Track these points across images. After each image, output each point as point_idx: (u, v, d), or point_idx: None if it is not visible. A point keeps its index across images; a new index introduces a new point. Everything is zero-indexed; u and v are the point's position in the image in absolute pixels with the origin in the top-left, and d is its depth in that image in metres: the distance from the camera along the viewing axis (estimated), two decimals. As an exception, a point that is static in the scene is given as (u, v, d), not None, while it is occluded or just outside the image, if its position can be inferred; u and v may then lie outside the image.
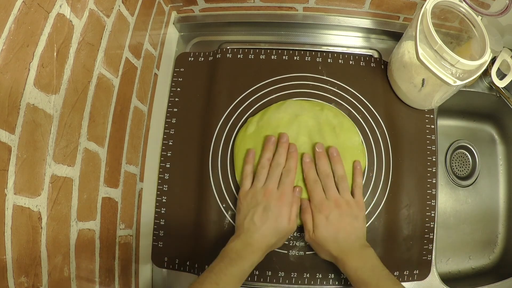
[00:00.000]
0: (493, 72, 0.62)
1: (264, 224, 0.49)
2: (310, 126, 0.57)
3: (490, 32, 0.51)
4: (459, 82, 0.46)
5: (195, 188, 0.59)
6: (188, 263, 0.57)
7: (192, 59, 0.65)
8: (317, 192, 0.52)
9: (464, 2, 0.50)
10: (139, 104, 0.57)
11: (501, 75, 0.62)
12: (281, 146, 0.54)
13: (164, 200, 0.59)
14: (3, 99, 0.31)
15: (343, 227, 0.50)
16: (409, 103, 0.61)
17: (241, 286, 0.54)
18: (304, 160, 0.54)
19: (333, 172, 0.53)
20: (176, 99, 0.63)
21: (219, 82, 0.62)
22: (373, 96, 0.61)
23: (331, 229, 0.49)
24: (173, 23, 0.67)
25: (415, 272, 0.56)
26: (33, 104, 0.34)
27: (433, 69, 0.46)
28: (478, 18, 0.50)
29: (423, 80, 0.54)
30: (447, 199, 0.75)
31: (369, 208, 0.57)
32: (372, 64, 0.63)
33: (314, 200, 0.52)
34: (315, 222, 0.50)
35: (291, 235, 0.55)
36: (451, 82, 0.46)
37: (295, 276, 0.55)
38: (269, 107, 0.59)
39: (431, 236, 0.58)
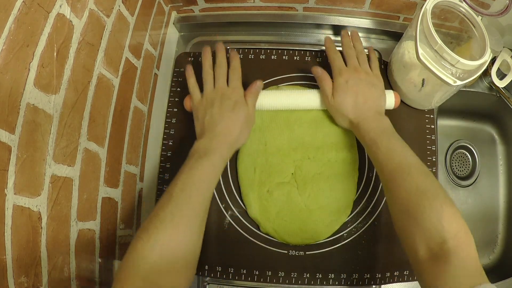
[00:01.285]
0: (493, 72, 0.62)
1: (223, 115, 0.49)
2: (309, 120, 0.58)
3: (490, 32, 0.51)
4: (459, 82, 0.46)
5: (195, 188, 0.59)
6: (188, 263, 0.57)
7: (192, 59, 0.65)
8: (338, 60, 0.54)
9: (464, 2, 0.50)
10: (139, 104, 0.57)
11: (501, 75, 0.62)
12: (219, 51, 0.55)
13: (164, 200, 0.59)
14: (3, 99, 0.31)
15: (362, 91, 0.51)
16: (409, 103, 0.61)
17: (239, 280, 0.55)
18: (325, 39, 0.57)
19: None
20: (176, 99, 0.63)
21: (219, 82, 0.62)
22: (373, 96, 0.61)
23: (350, 92, 0.51)
24: (173, 23, 0.67)
25: (415, 272, 0.56)
26: (33, 104, 0.34)
27: (433, 69, 0.46)
28: (478, 18, 0.50)
29: (423, 80, 0.54)
30: (447, 199, 0.75)
31: (369, 208, 0.57)
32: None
33: (334, 67, 0.53)
34: (335, 85, 0.52)
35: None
36: (451, 82, 0.46)
37: (295, 276, 0.55)
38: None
39: (431, 236, 0.58)
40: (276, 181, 0.56)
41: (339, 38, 0.67)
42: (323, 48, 0.66)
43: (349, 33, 0.58)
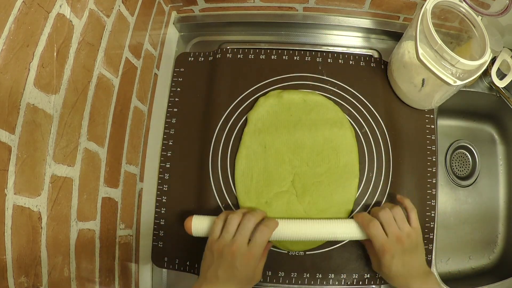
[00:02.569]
0: (493, 72, 0.62)
1: (228, 281, 0.46)
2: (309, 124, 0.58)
3: (490, 32, 0.51)
4: (459, 82, 0.46)
5: (195, 188, 0.59)
6: (188, 263, 0.57)
7: (192, 59, 0.65)
8: (377, 232, 0.50)
9: (464, 2, 0.50)
10: (139, 104, 0.57)
11: (501, 75, 0.62)
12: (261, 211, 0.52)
13: (164, 200, 0.59)
14: (3, 99, 0.31)
15: (408, 260, 0.49)
16: (409, 103, 0.61)
17: None
18: (355, 216, 0.53)
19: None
20: (176, 99, 0.63)
21: (219, 82, 0.62)
22: (373, 96, 0.61)
23: (398, 265, 0.49)
24: (173, 23, 0.67)
25: (415, 272, 0.56)
26: (33, 104, 0.34)
27: (433, 69, 0.46)
28: (478, 18, 0.50)
29: (423, 80, 0.54)
30: (447, 199, 0.75)
31: (369, 208, 0.57)
32: (372, 64, 0.63)
33: (377, 241, 0.49)
34: (382, 262, 0.50)
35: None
36: (451, 82, 0.46)
37: (295, 276, 0.55)
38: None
39: (431, 236, 0.58)
40: (274, 191, 0.56)
41: (339, 39, 0.68)
42: (323, 48, 0.66)
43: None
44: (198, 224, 0.51)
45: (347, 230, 0.51)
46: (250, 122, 0.59)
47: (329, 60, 0.63)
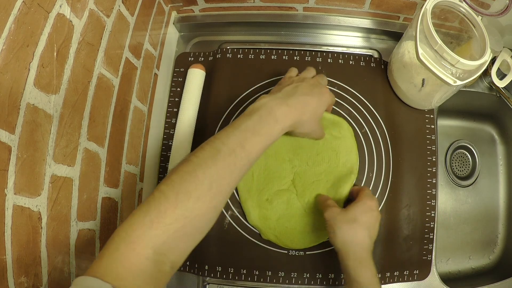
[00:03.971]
0: (493, 72, 0.62)
1: (308, 94, 0.44)
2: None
3: (490, 32, 0.51)
4: (459, 82, 0.46)
5: (195, 188, 0.59)
6: (188, 263, 0.57)
7: (192, 59, 0.65)
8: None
9: (464, 2, 0.50)
10: (139, 104, 0.57)
11: (501, 75, 0.62)
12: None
13: (164, 200, 0.59)
14: (3, 99, 0.31)
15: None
16: (409, 103, 0.61)
17: (239, 280, 0.55)
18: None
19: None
20: (176, 99, 0.63)
21: (219, 82, 0.62)
22: (373, 96, 0.61)
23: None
24: (173, 23, 0.67)
25: (415, 272, 0.56)
26: (33, 104, 0.34)
27: (433, 69, 0.46)
28: (478, 18, 0.50)
29: (423, 80, 0.54)
30: (447, 199, 0.75)
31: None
32: (372, 64, 0.63)
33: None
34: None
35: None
36: (451, 82, 0.46)
37: (295, 276, 0.55)
38: None
39: (431, 236, 0.58)
40: (275, 188, 0.56)
41: (339, 39, 0.67)
42: (323, 48, 0.66)
43: None
44: None
45: None
46: None
47: (329, 60, 0.63)
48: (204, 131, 0.60)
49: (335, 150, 0.57)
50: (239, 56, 0.63)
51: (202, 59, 0.65)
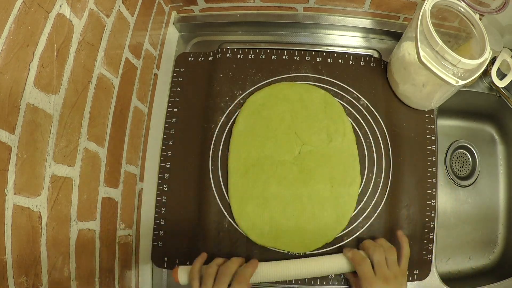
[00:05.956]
0: (493, 72, 0.62)
1: None
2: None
3: (490, 32, 0.51)
4: (461, 82, 0.46)
5: (195, 188, 0.59)
6: (188, 263, 0.57)
7: (192, 59, 0.65)
8: (365, 269, 0.50)
9: (462, 2, 0.50)
10: (139, 104, 0.57)
11: (501, 75, 0.62)
12: (237, 258, 0.52)
13: (164, 200, 0.59)
14: (3, 99, 0.31)
15: None
16: (409, 103, 0.61)
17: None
18: (344, 250, 0.54)
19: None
20: (176, 99, 0.63)
21: (219, 82, 0.62)
22: (373, 96, 0.61)
23: None
24: (173, 23, 0.67)
25: (415, 272, 0.56)
26: (33, 104, 0.34)
27: (435, 70, 0.46)
28: (477, 17, 0.50)
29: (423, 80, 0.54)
30: (447, 199, 0.75)
31: (369, 208, 0.57)
32: (372, 64, 0.63)
33: (362, 276, 0.49)
34: None
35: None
36: (453, 82, 0.46)
37: (295, 276, 0.55)
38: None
39: (431, 236, 0.58)
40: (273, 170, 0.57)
41: (339, 39, 0.68)
42: (323, 48, 0.66)
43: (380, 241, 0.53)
44: (184, 275, 0.51)
45: (335, 268, 0.52)
46: (246, 107, 0.60)
47: (329, 60, 0.63)
48: (204, 131, 0.60)
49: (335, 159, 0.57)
50: (239, 56, 0.63)
51: (202, 59, 0.65)
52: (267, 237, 0.55)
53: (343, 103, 0.60)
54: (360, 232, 0.56)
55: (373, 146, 0.59)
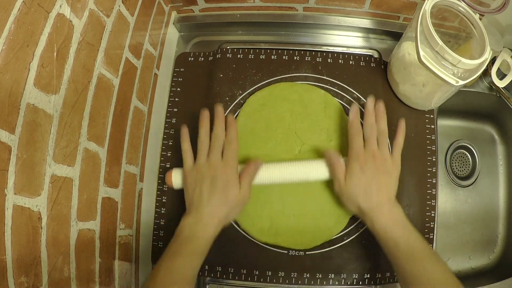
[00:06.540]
0: (493, 72, 0.62)
1: (213, 196, 0.47)
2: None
3: (490, 32, 0.51)
4: (461, 82, 0.46)
5: (195, 188, 0.59)
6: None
7: (192, 59, 0.65)
8: (357, 142, 0.50)
9: (462, 2, 0.50)
10: (139, 104, 0.57)
11: (501, 75, 0.62)
12: (217, 118, 0.52)
13: (164, 200, 0.59)
14: (3, 99, 0.31)
15: (376, 180, 0.49)
16: (409, 103, 0.61)
17: (239, 280, 0.55)
18: (352, 108, 0.53)
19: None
20: (176, 99, 0.63)
21: (219, 82, 0.62)
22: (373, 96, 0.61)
23: (364, 179, 0.48)
24: (173, 23, 0.67)
25: (415, 272, 0.56)
26: (33, 104, 0.34)
27: (435, 70, 0.46)
28: (477, 17, 0.50)
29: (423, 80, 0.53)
30: (447, 199, 0.75)
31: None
32: (372, 64, 0.63)
33: (352, 148, 0.50)
34: (349, 170, 0.49)
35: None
36: (453, 82, 0.46)
37: (295, 276, 0.55)
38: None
39: (431, 236, 0.58)
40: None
41: (339, 39, 0.68)
42: (323, 48, 0.66)
43: (374, 105, 0.53)
44: (179, 177, 0.51)
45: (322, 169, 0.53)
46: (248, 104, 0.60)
47: (329, 60, 0.63)
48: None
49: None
50: (239, 56, 0.63)
51: (202, 59, 0.65)
52: (267, 233, 0.55)
53: (343, 103, 0.60)
54: (360, 232, 0.56)
55: (373, 146, 0.59)
